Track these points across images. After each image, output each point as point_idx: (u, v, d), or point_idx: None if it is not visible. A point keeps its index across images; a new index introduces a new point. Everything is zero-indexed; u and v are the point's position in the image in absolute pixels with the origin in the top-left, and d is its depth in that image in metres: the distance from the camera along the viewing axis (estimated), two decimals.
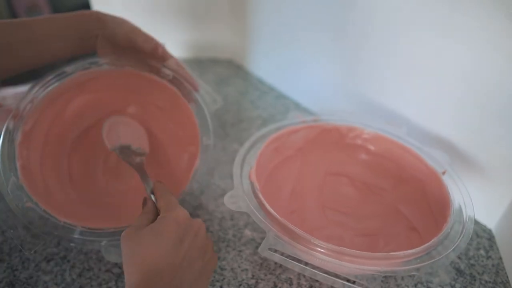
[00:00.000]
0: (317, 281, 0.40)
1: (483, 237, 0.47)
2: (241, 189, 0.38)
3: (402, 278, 0.41)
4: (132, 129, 0.43)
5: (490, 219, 0.48)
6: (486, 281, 0.41)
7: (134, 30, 0.43)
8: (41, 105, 0.41)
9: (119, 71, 0.45)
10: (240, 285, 0.39)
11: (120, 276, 0.40)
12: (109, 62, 0.43)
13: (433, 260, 0.32)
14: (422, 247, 0.33)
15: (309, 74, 0.70)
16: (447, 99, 0.47)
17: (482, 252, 0.44)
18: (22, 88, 0.42)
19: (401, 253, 0.32)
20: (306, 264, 0.33)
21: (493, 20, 0.38)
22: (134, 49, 0.43)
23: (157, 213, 0.34)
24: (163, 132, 0.49)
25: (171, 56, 0.45)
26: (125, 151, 0.39)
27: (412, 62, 0.49)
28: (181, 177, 0.46)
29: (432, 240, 0.33)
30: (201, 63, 0.93)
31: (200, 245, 0.32)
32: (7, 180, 0.36)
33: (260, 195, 0.37)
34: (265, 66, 0.84)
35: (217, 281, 0.40)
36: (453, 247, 0.33)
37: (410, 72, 0.50)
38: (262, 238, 0.33)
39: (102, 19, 0.42)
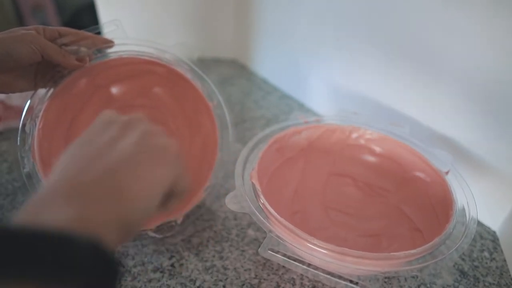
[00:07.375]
0: (320, 281, 0.40)
1: (487, 239, 0.46)
2: (242, 190, 0.38)
3: (405, 279, 0.41)
4: None
5: (494, 221, 0.47)
6: (490, 283, 0.40)
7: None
8: (50, 99, 0.42)
9: (125, 59, 0.47)
10: (243, 284, 0.40)
11: (122, 275, 0.40)
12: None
13: (435, 260, 0.32)
14: (423, 247, 0.32)
15: (312, 74, 0.70)
16: (451, 99, 0.46)
17: (486, 254, 0.44)
18: None
19: (402, 253, 0.32)
20: (309, 265, 0.33)
21: (496, 18, 0.38)
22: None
23: None
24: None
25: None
26: None
27: (414, 62, 0.49)
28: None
29: (434, 240, 0.33)
30: (205, 63, 0.93)
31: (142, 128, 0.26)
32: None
33: (261, 196, 0.37)
34: (269, 66, 0.84)
35: (220, 280, 0.40)
36: (455, 247, 0.32)
37: (413, 72, 0.50)
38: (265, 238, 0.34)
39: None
